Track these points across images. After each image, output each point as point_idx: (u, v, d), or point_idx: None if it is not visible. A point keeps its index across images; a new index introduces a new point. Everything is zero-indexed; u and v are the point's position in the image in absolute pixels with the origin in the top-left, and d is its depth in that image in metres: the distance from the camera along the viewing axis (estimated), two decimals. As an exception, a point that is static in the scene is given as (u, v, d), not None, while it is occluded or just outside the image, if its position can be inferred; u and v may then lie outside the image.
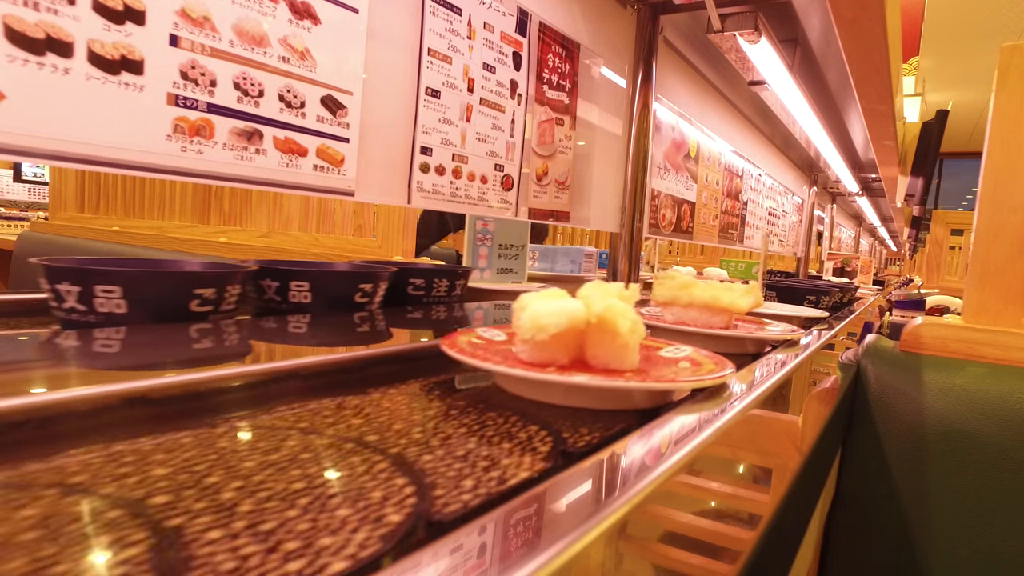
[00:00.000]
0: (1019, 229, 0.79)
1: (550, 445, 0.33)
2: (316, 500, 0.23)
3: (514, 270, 1.11)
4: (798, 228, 2.91)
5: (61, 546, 0.19)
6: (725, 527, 0.35)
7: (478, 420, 0.36)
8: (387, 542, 0.21)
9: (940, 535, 0.77)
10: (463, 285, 0.84)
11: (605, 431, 0.36)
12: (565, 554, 0.20)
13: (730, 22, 1.03)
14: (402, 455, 0.29)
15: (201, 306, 0.52)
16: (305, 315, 0.62)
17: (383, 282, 0.70)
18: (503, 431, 0.34)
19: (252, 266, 0.62)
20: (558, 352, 0.43)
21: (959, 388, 0.77)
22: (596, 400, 0.41)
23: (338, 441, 0.30)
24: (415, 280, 0.78)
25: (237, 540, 0.20)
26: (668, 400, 0.44)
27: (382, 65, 0.69)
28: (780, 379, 0.53)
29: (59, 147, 0.45)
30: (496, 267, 1.07)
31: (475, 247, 1.05)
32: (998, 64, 0.81)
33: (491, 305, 0.88)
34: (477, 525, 0.22)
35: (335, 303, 0.65)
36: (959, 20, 4.98)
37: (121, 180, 2.17)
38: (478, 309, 0.82)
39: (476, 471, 0.28)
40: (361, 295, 0.67)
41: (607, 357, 0.44)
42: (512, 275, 1.11)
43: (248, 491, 0.24)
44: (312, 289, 0.63)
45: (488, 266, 1.07)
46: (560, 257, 1.33)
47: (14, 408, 0.28)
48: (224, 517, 0.21)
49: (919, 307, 1.47)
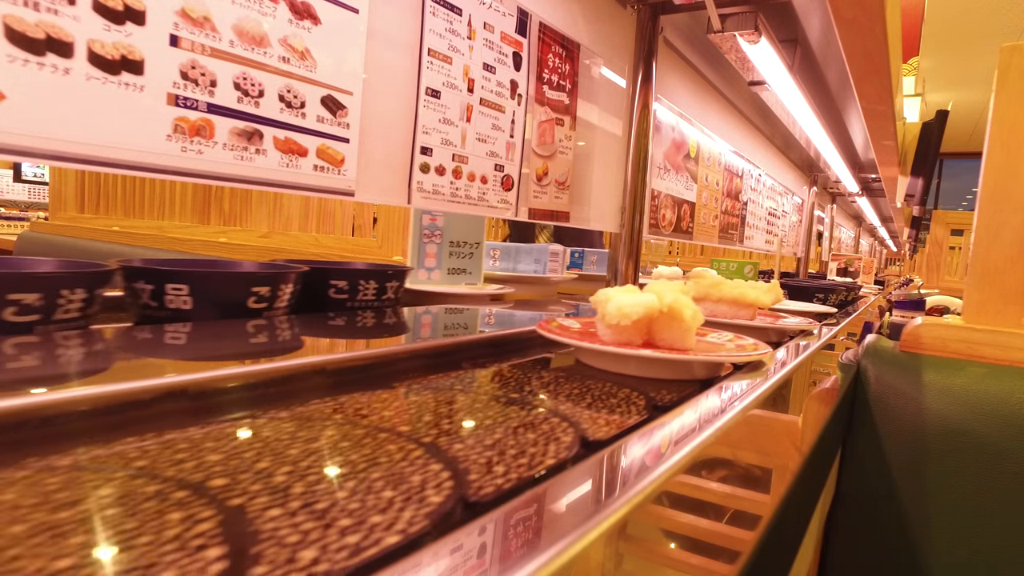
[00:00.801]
0: (1019, 229, 0.79)
1: (644, 401, 0.44)
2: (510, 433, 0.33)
3: (468, 270, 0.99)
4: (798, 228, 2.91)
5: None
6: (725, 527, 0.35)
7: (582, 386, 0.48)
8: (590, 448, 0.32)
9: (940, 535, 0.77)
10: (397, 287, 0.74)
11: (679, 393, 0.47)
12: (565, 554, 0.20)
13: (730, 22, 1.03)
14: (549, 406, 0.42)
15: (257, 303, 0.58)
16: (185, 324, 0.52)
17: (285, 285, 0.60)
18: (604, 393, 0.46)
19: (302, 267, 0.63)
20: (634, 335, 0.56)
21: (959, 388, 0.77)
22: (669, 371, 0.53)
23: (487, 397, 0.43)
24: (336, 282, 0.68)
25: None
26: (718, 372, 0.56)
27: (382, 65, 0.69)
28: (780, 379, 0.53)
29: (59, 147, 0.45)
30: (447, 267, 0.96)
31: (421, 244, 0.92)
32: (998, 64, 0.81)
33: (431, 310, 0.77)
34: (477, 525, 0.22)
35: (223, 309, 0.56)
36: (959, 20, 4.98)
37: (121, 180, 2.17)
38: (420, 314, 0.73)
39: (602, 416, 0.39)
40: (256, 300, 0.57)
41: (672, 339, 0.55)
42: (466, 276, 0.99)
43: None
44: (192, 293, 0.54)
45: (437, 266, 0.95)
46: (523, 256, 1.17)
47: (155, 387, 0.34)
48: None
49: (919, 307, 1.47)
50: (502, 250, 1.18)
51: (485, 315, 0.80)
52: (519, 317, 0.80)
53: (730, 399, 0.43)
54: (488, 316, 0.79)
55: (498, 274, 1.08)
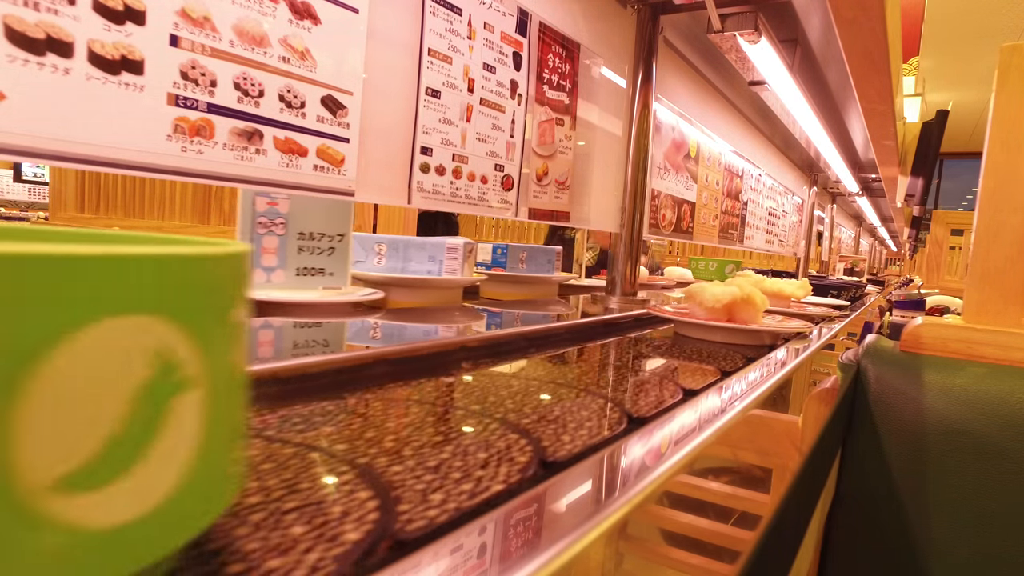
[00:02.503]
0: (1019, 229, 0.79)
1: (743, 360, 0.64)
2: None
3: (327, 270, 0.76)
4: (798, 228, 2.91)
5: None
6: (725, 527, 0.35)
7: (687, 352, 0.67)
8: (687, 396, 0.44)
9: (940, 535, 0.77)
10: None
11: (756, 354, 0.68)
12: (565, 554, 0.20)
13: (730, 22, 1.03)
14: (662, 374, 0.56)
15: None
16: None
17: None
18: (703, 354, 0.66)
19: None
20: (721, 314, 0.78)
21: (959, 388, 0.77)
22: (746, 339, 0.77)
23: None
24: None
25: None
26: (776, 340, 0.79)
27: (382, 65, 0.69)
28: (780, 379, 0.53)
29: (59, 147, 0.45)
30: (295, 266, 0.73)
31: (255, 236, 0.70)
32: (998, 64, 0.81)
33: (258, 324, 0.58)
34: (477, 525, 0.22)
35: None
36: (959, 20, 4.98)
37: (121, 180, 2.17)
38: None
39: (713, 367, 0.59)
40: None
41: (747, 317, 0.78)
42: (323, 278, 0.75)
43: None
44: None
45: (280, 264, 0.72)
46: (414, 252, 0.86)
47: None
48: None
49: (919, 307, 1.47)
50: (389, 245, 0.86)
51: (325, 333, 0.57)
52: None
53: (730, 399, 0.43)
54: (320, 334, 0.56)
55: (377, 275, 0.80)
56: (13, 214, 3.78)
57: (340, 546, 0.19)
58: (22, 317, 0.12)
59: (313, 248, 0.75)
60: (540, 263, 1.12)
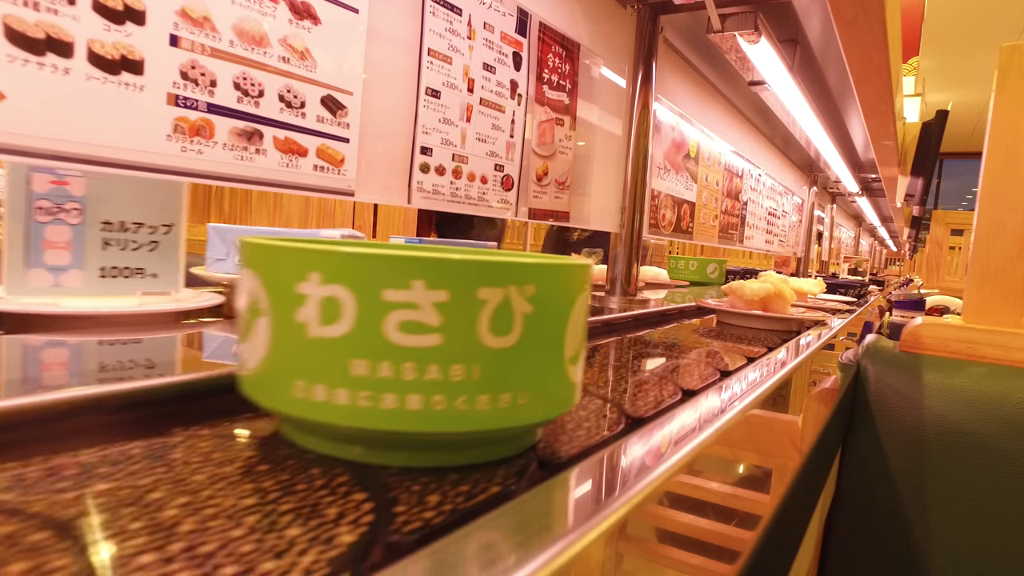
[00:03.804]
0: (1019, 229, 0.79)
1: (779, 340, 0.80)
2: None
3: (148, 271, 0.57)
4: (798, 228, 2.91)
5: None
6: (725, 527, 0.35)
7: (736, 333, 0.85)
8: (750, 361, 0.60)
9: (940, 535, 0.77)
10: None
11: (787, 337, 0.84)
12: (565, 554, 0.20)
13: (730, 22, 1.03)
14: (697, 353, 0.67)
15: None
16: None
17: None
18: (748, 336, 0.83)
19: None
20: (756, 305, 0.96)
21: (959, 388, 0.77)
22: (778, 325, 0.94)
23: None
24: None
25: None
26: (803, 327, 0.95)
27: (382, 65, 0.69)
28: (780, 379, 0.53)
29: (59, 147, 0.45)
30: (99, 265, 0.54)
31: (31, 225, 0.51)
32: (998, 64, 0.81)
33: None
34: (477, 524, 0.22)
35: None
36: (959, 20, 4.98)
37: (121, 180, 2.17)
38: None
39: (743, 352, 0.68)
40: None
41: (779, 308, 0.96)
42: (143, 281, 0.57)
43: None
44: None
45: (75, 263, 0.53)
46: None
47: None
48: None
49: (919, 307, 1.47)
50: (213, 233, 0.69)
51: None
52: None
53: (730, 399, 0.43)
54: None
55: (214, 275, 0.65)
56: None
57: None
58: (553, 294, 0.27)
59: (124, 242, 0.56)
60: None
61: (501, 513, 0.23)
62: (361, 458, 0.26)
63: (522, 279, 0.25)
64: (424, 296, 0.24)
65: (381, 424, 0.24)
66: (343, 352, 0.24)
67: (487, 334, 0.25)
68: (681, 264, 1.99)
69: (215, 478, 0.24)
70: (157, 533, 0.19)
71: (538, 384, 0.27)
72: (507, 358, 0.25)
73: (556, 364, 0.27)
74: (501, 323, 0.25)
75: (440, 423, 0.24)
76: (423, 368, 0.24)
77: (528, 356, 0.26)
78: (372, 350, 0.24)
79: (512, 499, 0.24)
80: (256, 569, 0.18)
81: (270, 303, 0.25)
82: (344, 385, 0.24)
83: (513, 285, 0.25)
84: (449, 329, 0.24)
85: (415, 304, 0.24)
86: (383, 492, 0.24)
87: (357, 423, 0.24)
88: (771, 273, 1.22)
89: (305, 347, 0.24)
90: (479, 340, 0.25)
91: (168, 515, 0.21)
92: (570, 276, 0.27)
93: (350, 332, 0.24)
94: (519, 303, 0.25)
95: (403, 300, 0.24)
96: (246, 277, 0.27)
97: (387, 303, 0.24)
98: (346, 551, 0.19)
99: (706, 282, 1.93)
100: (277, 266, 0.25)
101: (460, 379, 0.24)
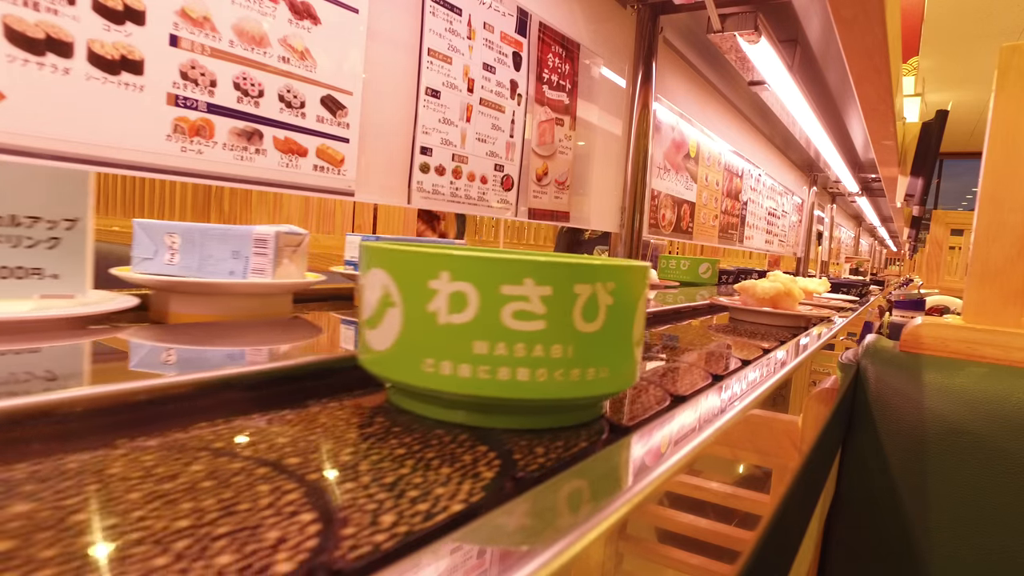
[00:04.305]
0: (1019, 229, 0.79)
1: (790, 335, 0.88)
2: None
3: (48, 271, 0.50)
4: (798, 228, 2.91)
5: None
6: (725, 527, 0.35)
7: (749, 329, 0.92)
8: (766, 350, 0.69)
9: (940, 535, 0.77)
10: None
11: (796, 333, 0.91)
12: (565, 554, 0.20)
13: (730, 22, 1.03)
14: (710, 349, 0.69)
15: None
16: None
17: None
18: (760, 332, 0.89)
19: None
20: (767, 303, 1.01)
21: (959, 388, 0.77)
22: (787, 321, 1.00)
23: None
24: None
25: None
26: (810, 323, 1.03)
27: (382, 65, 0.69)
28: (780, 379, 0.53)
29: (59, 147, 0.45)
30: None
31: None
32: (998, 64, 0.81)
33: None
34: (477, 525, 0.22)
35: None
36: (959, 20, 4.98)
37: (121, 180, 2.17)
38: None
39: (758, 346, 0.73)
40: None
41: (788, 305, 1.01)
42: (43, 282, 0.50)
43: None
44: None
45: None
46: (215, 246, 0.63)
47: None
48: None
49: (919, 307, 1.47)
50: (183, 235, 0.61)
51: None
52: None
53: (730, 399, 0.43)
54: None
55: (160, 279, 0.57)
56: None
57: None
58: (627, 289, 0.33)
59: (19, 239, 0.49)
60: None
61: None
62: (467, 421, 0.33)
63: (606, 277, 0.32)
64: (533, 290, 0.30)
65: (497, 392, 0.31)
66: (467, 335, 0.30)
67: (580, 320, 0.31)
68: (673, 264, 1.97)
69: (365, 436, 0.30)
70: (347, 471, 0.26)
71: (614, 362, 0.33)
72: (593, 340, 0.32)
73: (627, 346, 0.34)
74: (590, 312, 0.31)
75: (543, 391, 0.31)
76: (531, 347, 0.30)
77: (608, 339, 0.32)
78: (491, 333, 0.30)
79: (596, 452, 0.31)
80: (432, 493, 0.24)
81: (401, 297, 0.31)
82: (467, 361, 0.30)
83: (600, 282, 0.32)
84: (551, 317, 0.30)
85: (526, 297, 0.30)
86: (501, 445, 0.30)
87: (477, 392, 0.31)
88: (779, 273, 1.29)
89: (435, 331, 0.31)
90: (573, 325, 0.31)
91: (345, 459, 0.27)
92: (638, 275, 0.34)
93: (473, 319, 0.30)
94: (603, 296, 0.32)
95: (517, 294, 0.30)
96: (374, 276, 0.33)
97: (504, 296, 0.30)
98: (490, 482, 0.26)
99: (699, 283, 1.91)
100: (410, 267, 0.31)
101: (558, 356, 0.31)
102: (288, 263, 0.65)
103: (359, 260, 0.36)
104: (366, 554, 0.19)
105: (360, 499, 0.23)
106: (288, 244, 0.65)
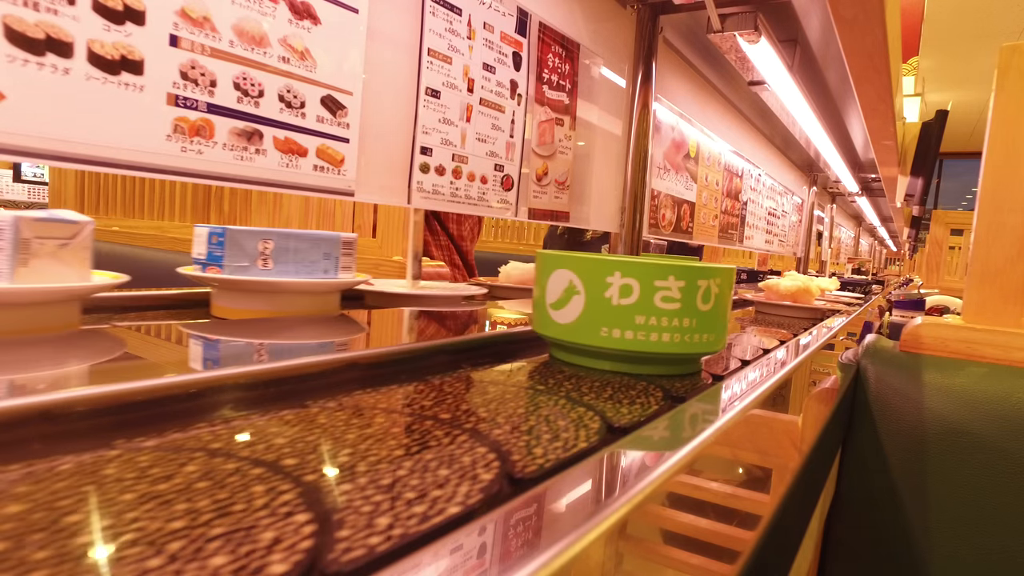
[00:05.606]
0: (1019, 229, 0.79)
1: (810, 324, 1.07)
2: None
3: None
4: (798, 228, 2.90)
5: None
6: (725, 527, 0.35)
7: (775, 320, 1.10)
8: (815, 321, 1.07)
9: (940, 535, 0.76)
10: None
11: (811, 324, 1.06)
12: (565, 554, 0.20)
13: (730, 22, 1.03)
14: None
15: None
16: None
17: None
18: (785, 323, 1.06)
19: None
20: (788, 298, 1.20)
21: (959, 388, 0.77)
22: (805, 313, 1.18)
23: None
24: None
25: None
26: (824, 316, 1.17)
27: (382, 65, 0.69)
28: (780, 379, 0.53)
29: (59, 147, 0.45)
30: None
31: None
32: (998, 64, 0.81)
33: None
34: (477, 525, 0.22)
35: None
36: (959, 20, 4.98)
37: (121, 180, 2.17)
38: None
39: (782, 337, 0.84)
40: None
41: (805, 300, 1.20)
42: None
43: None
44: None
45: None
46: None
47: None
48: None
49: (919, 307, 1.47)
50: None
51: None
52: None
53: (730, 399, 0.43)
54: None
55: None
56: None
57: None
58: (727, 283, 0.52)
59: None
60: (307, 261, 0.66)
61: (503, 512, 0.23)
62: (617, 369, 0.50)
63: (715, 275, 0.49)
64: (674, 283, 0.48)
65: (649, 349, 0.48)
66: (632, 313, 0.48)
67: (700, 303, 0.49)
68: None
69: (535, 384, 0.44)
70: (519, 399, 0.39)
71: (718, 330, 0.51)
72: (708, 315, 0.49)
73: (724, 320, 0.51)
74: (707, 297, 0.49)
75: (676, 348, 0.49)
76: (671, 321, 0.48)
77: (716, 315, 0.50)
78: (647, 311, 0.48)
79: (703, 391, 0.45)
80: (599, 409, 0.38)
81: (585, 287, 0.49)
82: (631, 329, 0.48)
83: (712, 278, 0.49)
84: (684, 300, 0.48)
85: (669, 288, 0.48)
86: (636, 383, 0.46)
87: (637, 349, 0.48)
88: (794, 273, 1.47)
89: (609, 310, 0.48)
90: (697, 306, 0.48)
91: (522, 403, 0.38)
92: (731, 274, 0.51)
93: (636, 302, 0.48)
94: (713, 287, 0.49)
95: (664, 285, 0.48)
96: (560, 274, 0.50)
97: (656, 287, 0.47)
98: (639, 407, 0.39)
99: None
100: (593, 268, 0.48)
101: (688, 326, 0.49)
102: (50, 261, 0.48)
103: (537, 265, 0.53)
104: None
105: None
106: (47, 235, 0.47)
